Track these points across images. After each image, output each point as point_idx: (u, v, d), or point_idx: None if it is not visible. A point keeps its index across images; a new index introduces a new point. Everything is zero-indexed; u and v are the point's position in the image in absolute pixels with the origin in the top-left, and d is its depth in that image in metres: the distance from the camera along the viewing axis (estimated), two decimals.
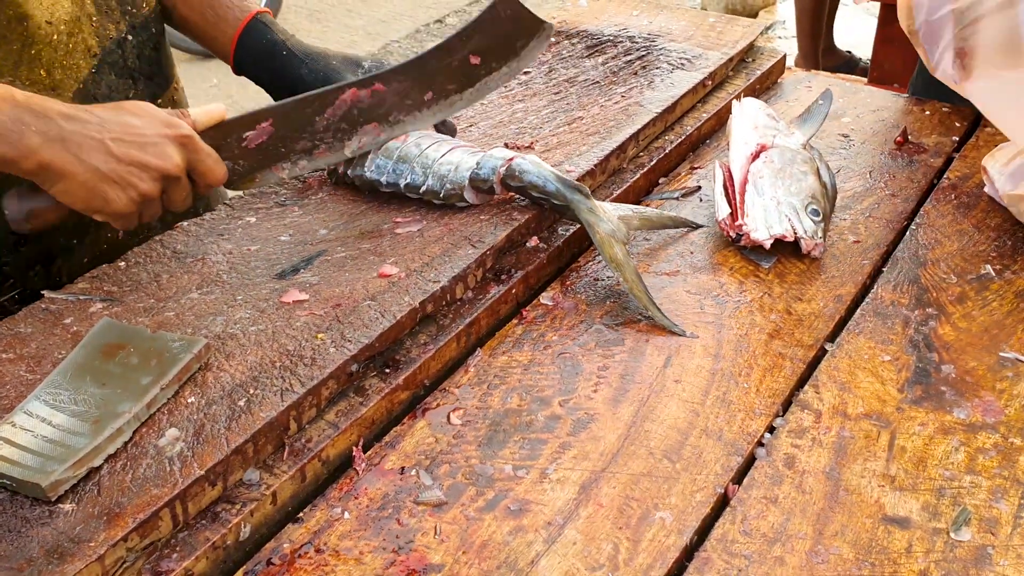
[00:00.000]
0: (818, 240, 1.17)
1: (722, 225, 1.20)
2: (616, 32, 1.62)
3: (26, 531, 0.78)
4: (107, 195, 0.97)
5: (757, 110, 1.29)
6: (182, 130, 1.01)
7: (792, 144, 1.25)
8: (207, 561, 0.82)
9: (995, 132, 1.44)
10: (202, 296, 1.05)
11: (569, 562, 0.83)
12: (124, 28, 1.18)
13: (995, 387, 0.99)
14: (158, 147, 0.99)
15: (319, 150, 1.13)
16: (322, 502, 0.89)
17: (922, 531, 0.85)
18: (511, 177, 1.15)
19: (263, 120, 1.09)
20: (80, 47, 1.11)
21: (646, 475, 0.91)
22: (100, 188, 0.96)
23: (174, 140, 1.01)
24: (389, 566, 0.83)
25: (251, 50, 1.23)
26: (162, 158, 0.99)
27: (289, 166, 1.12)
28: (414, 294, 1.04)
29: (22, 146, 0.92)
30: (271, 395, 0.91)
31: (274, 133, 1.10)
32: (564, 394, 1.00)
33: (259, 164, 1.11)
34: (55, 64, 1.10)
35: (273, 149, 1.11)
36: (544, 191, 1.14)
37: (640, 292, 1.09)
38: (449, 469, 0.92)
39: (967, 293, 1.13)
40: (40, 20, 1.07)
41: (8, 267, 1.13)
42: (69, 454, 0.82)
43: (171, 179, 1.01)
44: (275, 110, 1.10)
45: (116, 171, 0.97)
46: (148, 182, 0.99)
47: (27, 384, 0.92)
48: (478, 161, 1.16)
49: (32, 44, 1.07)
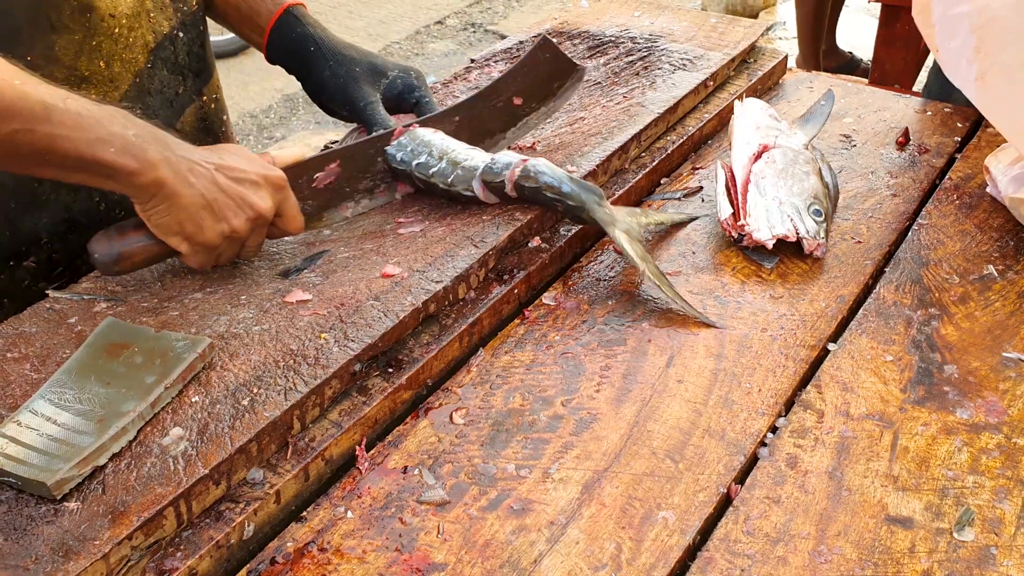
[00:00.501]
0: (820, 240, 1.17)
1: (724, 225, 1.20)
2: (618, 33, 1.63)
3: (31, 529, 0.78)
4: (204, 223, 1.00)
5: (759, 110, 1.29)
6: (278, 173, 1.05)
7: (794, 144, 1.25)
8: (211, 560, 0.83)
9: (997, 133, 1.44)
10: (206, 296, 1.05)
11: (572, 561, 0.83)
12: (176, 24, 1.19)
13: (998, 387, 1.00)
14: (257, 187, 1.03)
15: (380, 189, 1.20)
16: (325, 501, 0.89)
17: (925, 531, 0.85)
18: (526, 177, 1.14)
19: (332, 162, 1.15)
20: (139, 41, 1.13)
21: (649, 475, 0.91)
22: (200, 215, 0.99)
23: (271, 183, 1.04)
24: (392, 565, 0.83)
25: (282, 42, 1.27)
26: (260, 198, 1.03)
27: (353, 205, 1.19)
28: (417, 294, 1.05)
29: (144, 160, 0.95)
30: (275, 394, 0.92)
31: (340, 174, 1.16)
32: (566, 394, 1.00)
33: (326, 204, 1.17)
34: (114, 57, 1.11)
35: (338, 189, 1.17)
36: (559, 192, 1.14)
37: (667, 286, 1.11)
38: (452, 468, 0.92)
39: (969, 293, 1.13)
40: (104, 12, 1.08)
41: (58, 255, 1.15)
42: (74, 453, 0.83)
43: (261, 221, 1.04)
44: (342, 152, 1.16)
45: (219, 201, 1.00)
46: (242, 219, 1.02)
47: (32, 383, 0.93)
48: (493, 157, 1.17)
49: (94, 35, 1.08)
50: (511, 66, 1.30)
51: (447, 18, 5.24)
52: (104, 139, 0.93)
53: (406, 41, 4.95)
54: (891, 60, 2.33)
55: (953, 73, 1.22)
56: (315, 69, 1.26)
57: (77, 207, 1.14)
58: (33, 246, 1.12)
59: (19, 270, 1.12)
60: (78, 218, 1.15)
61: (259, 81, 4.07)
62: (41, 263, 1.13)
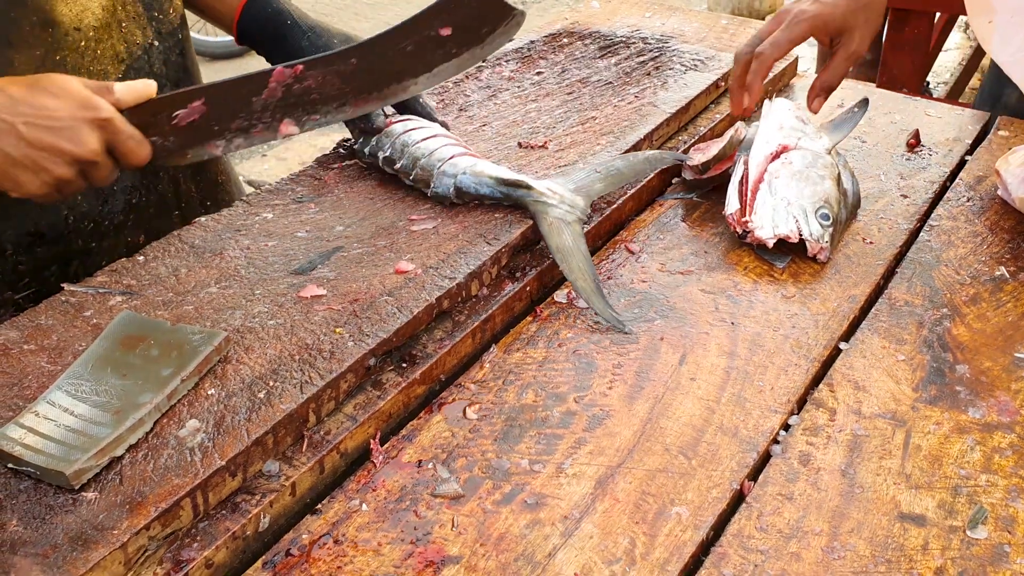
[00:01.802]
0: (824, 244, 1.17)
1: (729, 220, 1.20)
2: (629, 33, 1.63)
3: (50, 518, 0.79)
4: (18, 178, 0.95)
5: (786, 111, 1.28)
6: (100, 113, 0.98)
7: (816, 148, 1.24)
8: (227, 551, 0.83)
9: (1008, 135, 1.44)
10: (220, 290, 1.06)
11: (586, 555, 0.83)
12: (151, 34, 1.18)
13: (1010, 387, 1.00)
14: (72, 131, 0.96)
15: (256, 129, 1.10)
16: (340, 494, 0.89)
17: (938, 529, 0.85)
18: (461, 195, 1.19)
19: (195, 99, 1.06)
20: (108, 53, 1.11)
21: (662, 471, 0.91)
22: (10, 172, 0.94)
23: (91, 123, 0.97)
24: (407, 557, 0.83)
25: (255, 18, 1.24)
26: (76, 143, 0.96)
27: (224, 144, 1.10)
28: (430, 290, 1.05)
29: None
30: (290, 388, 0.92)
31: (207, 112, 1.07)
32: (579, 390, 1.01)
33: (190, 141, 1.08)
34: (80, 70, 1.10)
35: (205, 128, 1.08)
36: (492, 198, 1.18)
37: (584, 282, 1.10)
38: (466, 463, 0.92)
39: (981, 294, 1.13)
40: (68, 27, 1.06)
41: (24, 266, 1.14)
42: (92, 443, 0.83)
43: (86, 163, 0.98)
44: (207, 89, 1.08)
45: (28, 156, 0.94)
46: (62, 166, 0.96)
47: (49, 375, 0.93)
48: (433, 180, 1.19)
49: (57, 50, 1.07)
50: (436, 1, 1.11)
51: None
52: None
53: None
54: (899, 64, 2.33)
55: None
56: (292, 40, 1.23)
57: (44, 220, 1.13)
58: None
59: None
60: (44, 231, 1.14)
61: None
62: (6, 273, 1.12)
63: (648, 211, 1.30)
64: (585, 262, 1.11)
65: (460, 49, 1.12)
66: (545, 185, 1.17)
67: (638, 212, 1.30)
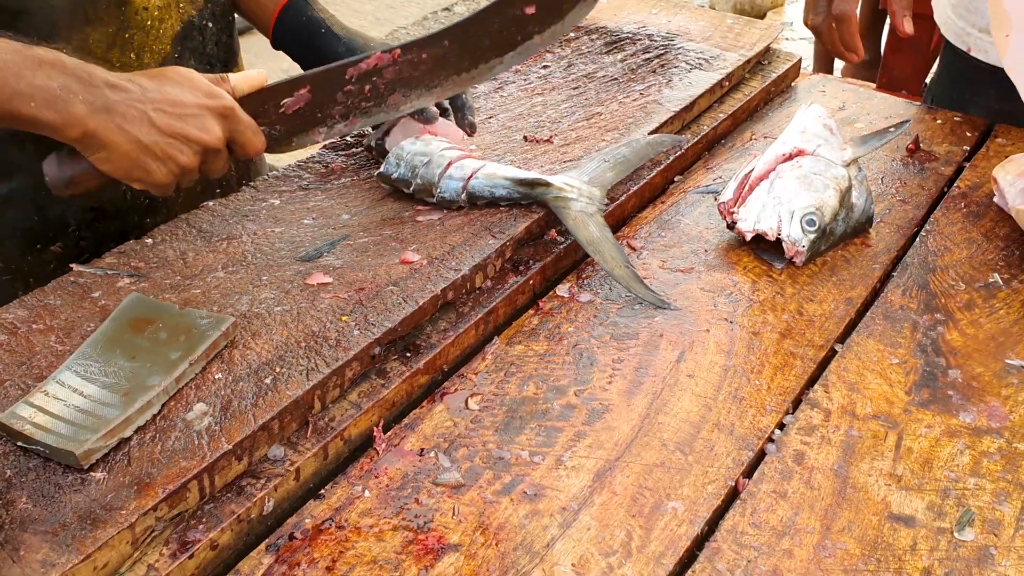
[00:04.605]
0: (800, 248, 1.18)
1: (720, 207, 1.22)
2: (635, 30, 1.64)
3: (59, 497, 0.80)
4: (148, 166, 0.98)
5: (815, 118, 1.27)
6: (224, 101, 1.01)
7: (834, 158, 1.23)
8: (231, 533, 0.85)
9: (1005, 143, 1.46)
10: (228, 275, 1.07)
11: (584, 547, 0.85)
12: (206, 15, 1.20)
13: (1000, 393, 1.02)
14: (199, 119, 0.99)
15: (355, 115, 1.14)
16: (343, 480, 0.91)
17: (927, 530, 0.87)
18: (474, 198, 1.18)
19: (301, 87, 1.10)
20: (168, 33, 1.14)
21: (659, 466, 0.93)
22: (141, 159, 0.97)
23: (215, 112, 1.01)
24: (408, 544, 0.85)
25: (290, 25, 1.26)
26: (203, 131, 0.99)
27: (325, 130, 1.14)
28: (435, 281, 1.07)
29: (68, 114, 0.92)
30: (296, 374, 0.93)
31: (311, 99, 1.11)
32: (579, 384, 1.02)
33: (296, 129, 1.12)
34: (145, 48, 1.12)
35: (310, 115, 1.12)
36: (508, 199, 1.18)
37: (620, 270, 1.11)
38: (467, 452, 0.94)
39: (975, 300, 1.15)
40: (138, 5, 1.10)
41: (85, 242, 1.17)
42: (100, 424, 0.84)
43: (211, 151, 1.01)
44: (313, 77, 1.11)
45: (158, 143, 0.97)
46: (189, 155, 0.99)
47: (57, 355, 0.94)
48: (440, 184, 1.18)
49: (127, 28, 1.10)
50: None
51: (455, 4, 5.24)
52: (23, 93, 0.90)
53: (413, 27, 4.96)
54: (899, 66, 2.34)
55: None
56: (327, 48, 1.25)
57: (105, 196, 1.16)
58: (60, 232, 1.14)
59: (45, 253, 1.14)
60: (106, 207, 1.17)
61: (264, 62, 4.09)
62: (68, 248, 1.15)
63: (650, 208, 1.32)
64: (616, 249, 1.12)
65: (543, 27, 1.16)
66: (562, 180, 1.18)
67: (640, 209, 1.32)
